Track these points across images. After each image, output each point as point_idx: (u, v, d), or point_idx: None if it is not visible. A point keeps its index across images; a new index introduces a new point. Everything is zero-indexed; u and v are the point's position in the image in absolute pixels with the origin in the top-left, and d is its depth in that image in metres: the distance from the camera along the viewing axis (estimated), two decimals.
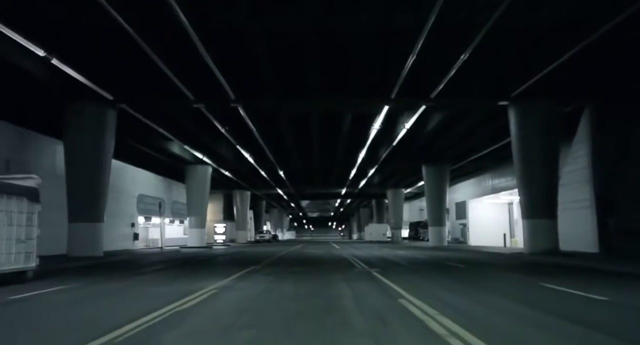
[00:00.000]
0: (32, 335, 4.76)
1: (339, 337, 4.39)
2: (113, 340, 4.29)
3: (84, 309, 6.53)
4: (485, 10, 12.56)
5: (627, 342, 4.33)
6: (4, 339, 4.55)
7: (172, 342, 4.35)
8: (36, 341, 4.51)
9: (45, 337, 4.67)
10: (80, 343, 4.13)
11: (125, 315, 5.40)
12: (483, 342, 4.09)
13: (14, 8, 12.16)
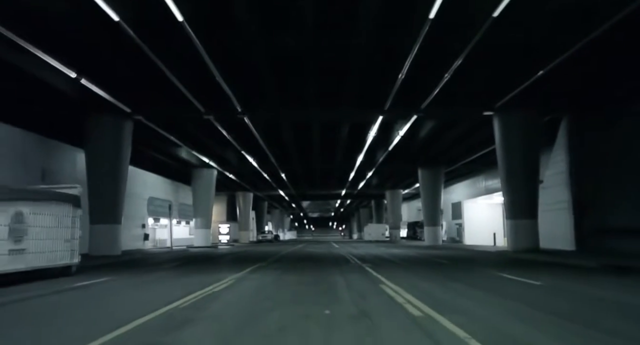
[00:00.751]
0: (118, 307, 6.86)
1: (331, 305, 6.48)
2: (177, 306, 6.39)
3: (139, 292, 8.64)
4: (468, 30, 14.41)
5: (528, 306, 6.41)
6: (102, 308, 6.65)
7: (217, 307, 6.46)
8: (126, 310, 6.58)
9: (127, 308, 6.76)
10: (156, 308, 6.21)
11: (174, 296, 7.47)
12: (427, 305, 6.17)
13: (51, 37, 14.22)
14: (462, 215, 41.17)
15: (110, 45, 15.01)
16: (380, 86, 18.78)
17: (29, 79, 16.19)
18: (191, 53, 14.69)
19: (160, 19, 12.66)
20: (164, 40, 14.51)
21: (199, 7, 12.74)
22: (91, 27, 13.63)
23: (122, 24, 12.56)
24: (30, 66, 15.32)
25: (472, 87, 19.54)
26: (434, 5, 11.65)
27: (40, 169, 19.17)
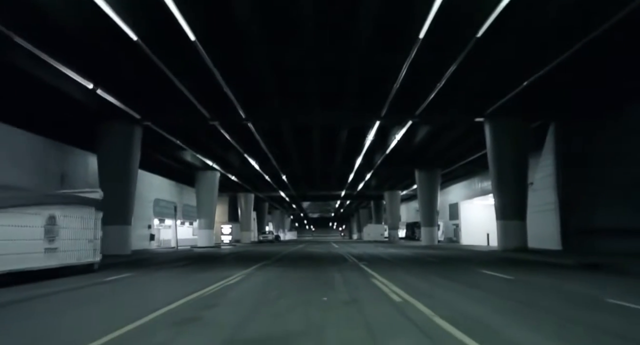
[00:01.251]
0: (153, 295, 8.24)
1: (328, 294, 7.86)
2: (202, 295, 7.77)
3: (164, 285, 10.02)
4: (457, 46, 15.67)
5: (491, 294, 7.79)
6: (142, 296, 8.03)
7: (235, 295, 7.85)
8: (162, 296, 7.94)
9: (161, 295, 8.13)
10: (186, 294, 7.59)
11: (195, 287, 8.83)
12: (407, 294, 7.54)
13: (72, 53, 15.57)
14: (459, 215, 42.59)
15: (125, 59, 16.39)
16: (377, 94, 20.14)
17: (50, 90, 17.58)
18: (200, 65, 16.04)
19: (174, 38, 14.04)
20: (176, 55, 15.89)
21: (210, 27, 14.10)
22: (111, 44, 14.99)
23: (139, 42, 13.94)
24: (51, 78, 16.70)
25: (463, 95, 20.86)
26: (423, 27, 13.02)
27: (59, 174, 20.54)
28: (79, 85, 17.39)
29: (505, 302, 7.09)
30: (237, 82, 18.54)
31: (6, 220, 9.77)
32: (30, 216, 10.65)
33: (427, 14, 12.32)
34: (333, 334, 4.78)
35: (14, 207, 10.09)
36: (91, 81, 17.37)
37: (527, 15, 13.45)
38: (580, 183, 21.23)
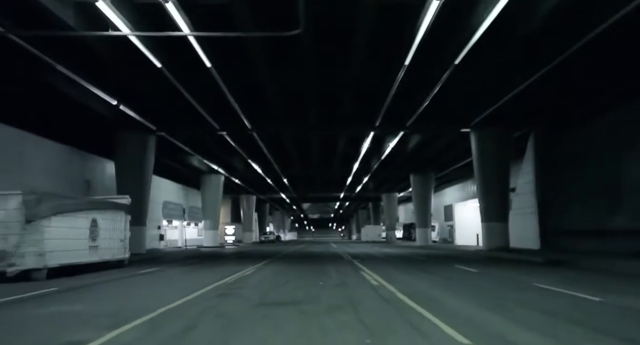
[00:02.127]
0: (187, 282, 10.69)
1: (324, 280, 10.32)
2: (226, 282, 10.23)
3: (191, 276, 12.48)
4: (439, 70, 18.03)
5: (451, 281, 10.24)
6: (178, 283, 10.49)
7: (252, 282, 10.32)
8: (195, 283, 10.37)
9: (193, 282, 10.58)
10: (214, 281, 10.04)
11: (218, 277, 11.27)
12: (385, 281, 9.99)
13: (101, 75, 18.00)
14: (453, 217, 45.08)
15: (147, 81, 18.83)
16: (371, 109, 22.57)
17: (77, 105, 20.03)
18: (212, 85, 18.47)
19: (192, 65, 16.48)
20: (192, 78, 18.34)
21: (223, 55, 16.53)
22: (136, 69, 17.44)
23: (163, 68, 16.38)
24: (80, 96, 19.15)
25: (449, 109, 23.25)
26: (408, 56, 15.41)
27: (86, 181, 23.02)
28: (104, 101, 19.84)
29: (456, 285, 9.55)
30: (244, 98, 20.98)
31: (64, 223, 12.24)
32: (80, 219, 13.13)
33: (410, 45, 14.72)
34: (325, 301, 7.25)
35: (70, 212, 12.56)
36: (115, 98, 19.82)
37: (499, 44, 15.83)
38: (555, 189, 23.71)
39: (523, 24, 14.14)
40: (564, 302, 7.18)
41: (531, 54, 16.43)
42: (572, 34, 14.22)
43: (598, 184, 20.25)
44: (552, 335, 4.83)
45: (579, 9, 13.05)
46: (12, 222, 11.19)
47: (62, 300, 8.00)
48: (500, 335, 4.84)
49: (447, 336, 4.71)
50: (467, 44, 14.52)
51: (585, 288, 8.60)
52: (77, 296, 8.61)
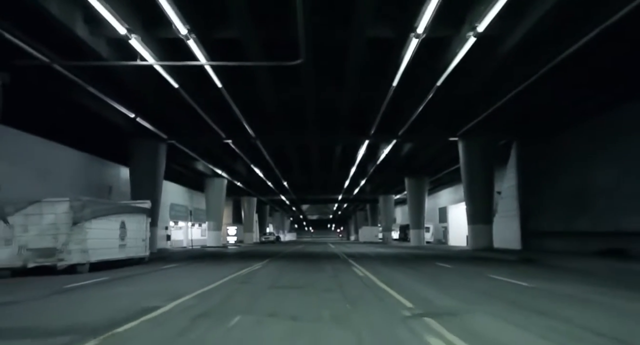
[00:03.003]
0: (207, 274, 13.13)
1: (321, 272, 12.78)
2: (240, 274, 12.69)
3: (208, 270, 14.92)
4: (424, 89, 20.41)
5: (424, 274, 12.70)
6: (199, 275, 12.95)
7: (261, 273, 12.79)
8: (214, 275, 12.80)
9: (212, 274, 13.03)
10: (230, 274, 12.50)
11: (231, 271, 13.70)
12: (370, 273, 12.45)
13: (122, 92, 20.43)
14: (447, 218, 47.55)
15: (162, 97, 21.27)
16: (365, 120, 25.05)
17: (99, 118, 22.50)
18: (220, 100, 20.90)
19: (205, 85, 18.93)
20: (204, 95, 20.80)
21: (232, 77, 18.98)
22: (155, 89, 19.90)
23: (179, 88, 18.83)
24: (103, 110, 21.62)
25: (438, 120, 25.71)
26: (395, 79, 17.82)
27: (108, 186, 25.50)
28: (122, 114, 22.30)
29: (426, 276, 12.01)
30: (249, 111, 23.45)
31: (101, 225, 14.70)
32: (112, 222, 15.60)
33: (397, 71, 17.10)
34: (320, 286, 9.71)
35: (105, 216, 15.03)
36: (133, 112, 22.27)
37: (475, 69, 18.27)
38: (534, 193, 26.22)
39: (494, 54, 16.60)
40: (499, 286, 9.65)
41: (503, 77, 18.90)
42: (539, 60, 16.66)
43: (568, 190, 22.76)
44: (467, 302, 7.30)
45: (540, 41, 15.48)
46: (61, 224, 13.63)
47: (120, 285, 10.47)
48: (431, 301, 7.34)
49: (398, 302, 7.18)
50: (445, 70, 16.93)
51: (528, 279, 11.06)
52: (129, 282, 11.09)
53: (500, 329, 5.33)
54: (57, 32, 14.18)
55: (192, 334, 5.10)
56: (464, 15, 14.53)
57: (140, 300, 7.59)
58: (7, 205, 13.54)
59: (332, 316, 6.06)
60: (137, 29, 14.28)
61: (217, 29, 15.44)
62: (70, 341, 4.71)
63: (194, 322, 5.73)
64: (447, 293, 8.49)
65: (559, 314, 6.21)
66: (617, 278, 11.62)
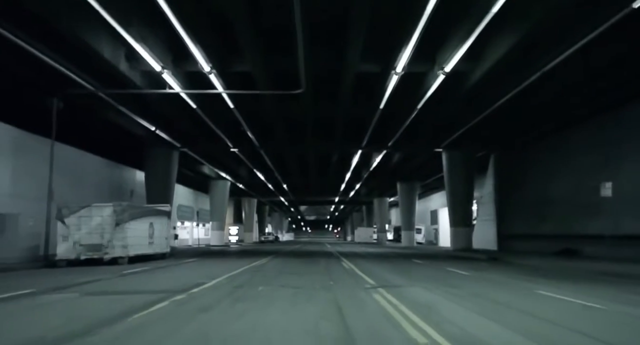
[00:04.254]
0: (224, 266, 16.76)
1: (316, 266, 16.41)
2: (252, 266, 16.32)
3: (222, 263, 18.54)
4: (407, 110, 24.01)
5: (398, 268, 16.34)
6: (218, 266, 16.58)
7: (269, 266, 16.44)
8: (230, 266, 16.40)
9: (228, 266, 16.65)
10: (243, 266, 16.12)
11: (242, 264, 17.31)
12: (355, 267, 16.08)
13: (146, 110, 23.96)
14: (438, 221, 51.24)
15: (180, 114, 24.86)
16: (358, 133, 28.68)
17: (123, 130, 26.10)
18: (230, 116, 24.48)
19: (219, 106, 22.50)
20: (217, 113, 24.39)
21: (242, 99, 22.56)
22: (176, 109, 23.48)
23: (197, 109, 22.42)
24: (128, 124, 25.20)
25: (424, 133, 29.35)
26: (381, 104, 21.41)
27: (130, 190, 29.12)
28: (144, 127, 25.88)
29: (397, 269, 15.63)
30: (255, 124, 27.08)
31: (136, 225, 18.31)
32: (144, 223, 19.20)
33: (382, 97, 20.68)
34: (315, 272, 13.34)
35: (139, 218, 18.63)
36: (154, 125, 25.85)
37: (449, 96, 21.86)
38: (508, 200, 29.91)
39: (462, 85, 20.21)
40: (446, 274, 13.28)
41: (472, 102, 22.54)
42: (498, 92, 20.30)
43: (535, 198, 26.46)
44: (413, 281, 10.92)
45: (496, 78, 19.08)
46: (106, 224, 17.23)
47: (165, 272, 14.08)
48: (388, 281, 11.02)
49: (366, 281, 10.84)
50: (424, 96, 20.54)
51: (474, 271, 14.68)
52: (169, 270, 14.70)
53: (420, 294, 8.95)
54: (103, 67, 17.77)
55: (236, 293, 8.71)
56: (434, 57, 18.17)
57: (191, 279, 11.18)
58: (64, 209, 17.15)
59: (321, 287, 9.70)
60: (168, 64, 17.88)
61: (232, 64, 19.05)
62: (169, 295, 8.27)
63: (235, 288, 9.37)
64: (403, 277, 12.13)
65: (466, 288, 9.84)
66: (548, 271, 15.22)
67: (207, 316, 6.31)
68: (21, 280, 11.40)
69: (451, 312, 6.84)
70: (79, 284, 10.36)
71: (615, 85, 18.48)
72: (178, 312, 6.73)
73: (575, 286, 10.60)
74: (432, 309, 7.04)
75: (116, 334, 5.23)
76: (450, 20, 15.62)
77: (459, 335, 5.16)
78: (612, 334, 5.53)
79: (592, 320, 6.50)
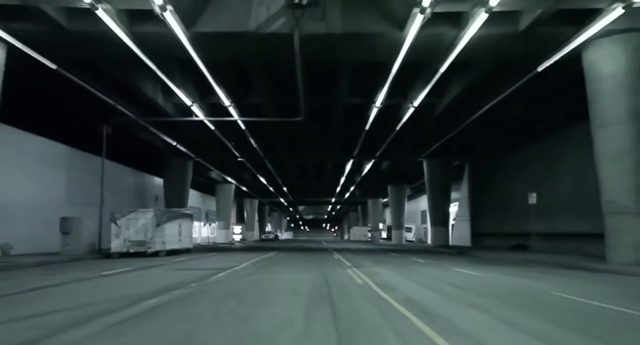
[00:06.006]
0: (240, 257, 22.17)
1: (313, 258, 21.84)
2: (263, 257, 21.74)
3: (237, 256, 23.96)
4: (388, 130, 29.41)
5: (377, 259, 21.78)
6: (237, 257, 22.02)
7: (276, 258, 21.90)
8: (245, 257, 21.80)
9: (243, 257, 22.07)
10: (255, 258, 21.54)
11: (254, 256, 22.72)
12: (343, 258, 21.51)
13: (173, 131, 29.28)
14: (427, 220, 56.70)
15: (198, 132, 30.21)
16: (350, 145, 34.11)
17: (147, 144, 31.47)
18: (240, 133, 29.85)
19: (233, 128, 27.86)
20: (230, 132, 29.76)
21: (251, 125, 27.92)
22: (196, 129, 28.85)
23: (214, 129, 27.79)
24: (153, 140, 30.58)
25: (406, 146, 34.77)
26: (366, 126, 26.77)
27: (154, 196, 34.56)
28: (167, 142, 31.27)
29: (374, 259, 21.05)
30: (261, 140, 32.48)
31: (170, 226, 23.69)
32: (175, 224, 24.58)
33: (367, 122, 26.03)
34: (312, 261, 18.77)
35: (173, 220, 24.01)
36: (175, 140, 31.25)
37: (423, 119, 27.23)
38: (480, 203, 35.39)
39: (430, 114, 25.66)
40: (407, 262, 18.69)
41: (440, 125, 28.00)
42: (459, 118, 25.74)
43: (499, 201, 31.94)
44: (379, 265, 16.35)
45: (456, 108, 24.50)
46: (149, 225, 22.58)
47: (201, 260, 19.44)
48: (362, 264, 16.51)
49: (346, 265, 16.30)
50: (400, 121, 25.97)
51: (432, 260, 20.09)
52: (202, 260, 20.05)
53: (376, 270, 14.37)
54: (144, 101, 23.17)
55: (262, 269, 14.13)
56: (406, 94, 23.60)
57: (226, 264, 16.55)
58: (116, 213, 22.53)
59: (315, 267, 15.15)
60: (196, 99, 23.26)
61: (246, 98, 24.45)
62: (221, 271, 13.63)
63: (259, 267, 14.82)
64: (373, 263, 17.59)
65: (411, 268, 15.26)
66: (490, 260, 20.56)
67: (252, 277, 11.80)
68: (105, 265, 16.73)
69: (387, 276, 12.28)
70: (152, 266, 15.73)
71: (546, 116, 24.03)
72: (235, 276, 12.20)
73: (486, 267, 16.03)
74: (376, 275, 12.51)
75: (207, 285, 10.57)
76: (414, 72, 21.01)
77: (381, 283, 10.55)
78: (468, 284, 10.87)
79: (464, 279, 11.90)
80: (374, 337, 5.21)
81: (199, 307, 7.25)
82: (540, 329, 5.65)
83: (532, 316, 6.51)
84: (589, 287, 10.54)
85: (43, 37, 15.50)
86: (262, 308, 7.04)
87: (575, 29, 15.17)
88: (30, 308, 6.93)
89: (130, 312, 6.57)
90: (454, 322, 5.99)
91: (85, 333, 5.23)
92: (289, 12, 15.08)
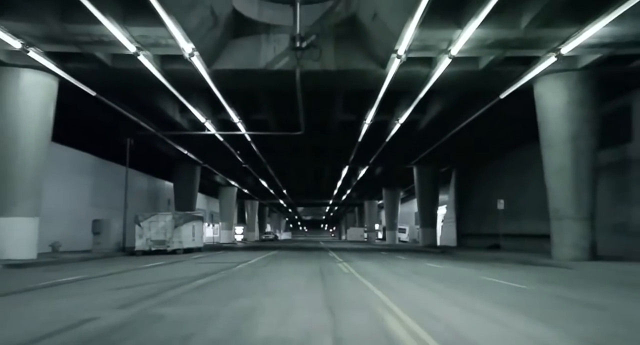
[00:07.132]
0: (247, 255, 25.93)
1: (311, 256, 25.61)
2: (268, 255, 25.50)
3: (244, 254, 27.73)
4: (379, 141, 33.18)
5: (368, 257, 25.55)
6: (244, 255, 25.79)
7: (278, 255, 25.69)
8: (253, 254, 25.54)
9: (250, 255, 25.81)
10: (260, 255, 25.31)
11: (259, 255, 26.47)
12: (337, 256, 25.28)
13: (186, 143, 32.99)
14: None
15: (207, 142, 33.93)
16: (345, 153, 37.89)
17: (161, 153, 35.23)
18: (245, 143, 33.59)
19: (240, 141, 31.59)
20: (238, 144, 33.49)
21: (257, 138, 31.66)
22: (207, 142, 32.59)
23: (225, 142, 31.51)
24: (168, 150, 34.33)
25: (396, 154, 38.55)
26: (359, 139, 30.52)
27: (167, 199, 38.34)
28: (178, 151, 35.01)
29: (364, 256, 24.82)
30: (264, 148, 36.26)
31: (186, 227, 27.44)
32: (189, 225, 28.31)
33: (359, 135, 29.78)
34: (310, 257, 22.52)
35: (188, 222, 27.76)
36: (186, 149, 34.98)
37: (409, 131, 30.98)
38: (464, 206, 39.21)
39: (415, 128, 29.45)
40: (391, 259, 22.44)
41: (425, 137, 31.79)
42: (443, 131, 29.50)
43: (479, 205, 35.76)
44: (365, 260, 20.13)
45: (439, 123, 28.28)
46: (168, 227, 26.31)
47: (216, 257, 23.15)
48: (351, 260, 20.31)
49: (338, 260, 20.08)
50: (389, 134, 29.76)
51: (414, 257, 23.85)
52: (217, 257, 23.73)
53: (361, 263, 18.15)
54: (164, 118, 26.89)
55: (272, 262, 17.90)
56: (393, 112, 27.37)
57: (239, 259, 20.26)
58: (140, 216, 26.28)
59: (313, 262, 18.91)
60: (209, 116, 27.01)
61: (253, 115, 28.19)
62: (238, 264, 17.37)
63: (268, 262, 18.62)
64: (361, 259, 21.35)
65: (391, 262, 19.04)
66: (464, 257, 24.27)
67: (266, 267, 15.63)
68: (137, 261, 20.40)
69: (368, 267, 16.07)
70: (177, 262, 19.45)
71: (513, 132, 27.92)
72: (251, 266, 16.00)
73: (454, 262, 19.79)
74: (360, 266, 16.32)
75: (233, 272, 14.28)
76: (398, 95, 24.75)
77: (362, 271, 14.30)
78: (426, 272, 14.57)
79: (426, 269, 15.64)
80: (343, 289, 9.35)
81: (236, 282, 11.12)
82: (441, 289, 9.51)
83: (445, 285, 10.31)
84: (516, 274, 14.28)
85: (89, 72, 19.24)
86: (278, 281, 11.08)
87: (525, 68, 18.95)
88: (127, 282, 10.66)
89: (195, 284, 10.35)
90: (391, 286, 9.93)
91: (181, 291, 9.02)
92: (292, 53, 18.83)
